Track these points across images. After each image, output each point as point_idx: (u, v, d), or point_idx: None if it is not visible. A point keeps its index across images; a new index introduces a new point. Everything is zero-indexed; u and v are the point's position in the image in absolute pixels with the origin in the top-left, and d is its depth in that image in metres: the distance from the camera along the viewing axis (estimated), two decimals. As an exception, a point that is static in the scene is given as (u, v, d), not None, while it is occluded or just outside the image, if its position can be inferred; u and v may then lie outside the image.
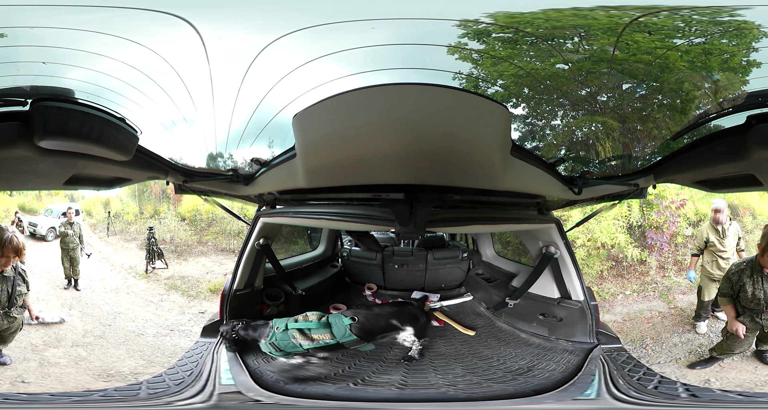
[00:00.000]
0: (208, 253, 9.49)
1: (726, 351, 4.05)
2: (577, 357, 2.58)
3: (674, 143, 2.26)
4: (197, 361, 2.60)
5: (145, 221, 10.32)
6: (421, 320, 2.91)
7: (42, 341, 5.29)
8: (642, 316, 6.01)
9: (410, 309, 2.97)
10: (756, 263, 3.55)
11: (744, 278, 3.55)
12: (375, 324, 2.73)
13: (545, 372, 2.47)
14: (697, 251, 5.14)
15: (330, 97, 1.63)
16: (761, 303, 3.53)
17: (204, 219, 10.06)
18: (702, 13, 1.67)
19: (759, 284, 3.51)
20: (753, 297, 3.54)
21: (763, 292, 3.51)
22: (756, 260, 3.56)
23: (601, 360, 2.51)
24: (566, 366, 2.49)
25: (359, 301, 4.23)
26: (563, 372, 2.43)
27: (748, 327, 3.71)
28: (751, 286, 3.53)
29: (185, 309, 7.06)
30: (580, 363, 2.49)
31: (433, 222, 2.40)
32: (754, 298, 3.53)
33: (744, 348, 3.97)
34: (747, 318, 3.67)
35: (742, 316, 3.71)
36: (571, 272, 2.91)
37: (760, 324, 3.65)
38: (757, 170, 1.93)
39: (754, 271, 3.53)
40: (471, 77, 1.90)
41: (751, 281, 3.53)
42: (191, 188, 2.86)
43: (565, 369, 2.46)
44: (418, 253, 4.65)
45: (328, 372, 2.48)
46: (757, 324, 3.66)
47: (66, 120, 1.72)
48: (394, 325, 2.76)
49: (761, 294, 3.51)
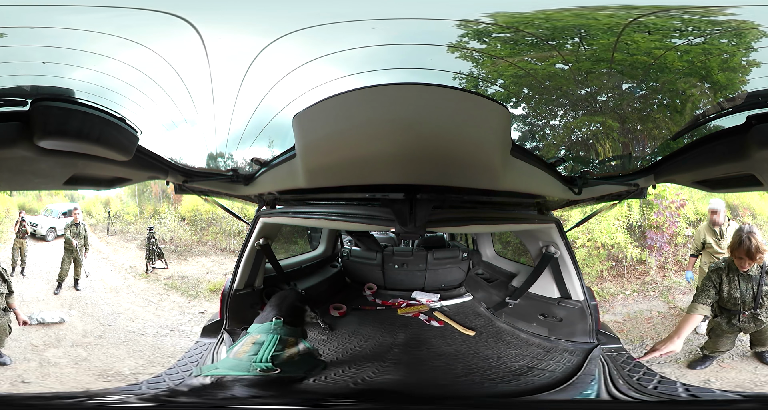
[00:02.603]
0: (208, 253, 9.49)
1: (713, 349, 4.07)
2: (577, 357, 2.58)
3: (674, 143, 2.26)
4: (197, 361, 2.60)
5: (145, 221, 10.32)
6: (288, 299, 2.80)
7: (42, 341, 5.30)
8: (642, 316, 6.01)
9: (278, 297, 2.84)
10: (732, 262, 3.53)
11: (722, 276, 3.54)
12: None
13: (545, 372, 2.47)
14: (695, 252, 5.15)
15: (330, 97, 1.63)
16: (737, 303, 3.53)
17: (204, 219, 10.06)
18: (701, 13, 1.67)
19: (735, 283, 3.51)
20: (729, 297, 3.53)
21: (739, 291, 3.50)
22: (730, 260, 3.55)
23: (601, 360, 2.51)
24: (566, 366, 2.49)
25: (359, 301, 4.23)
26: (563, 372, 2.43)
27: (725, 330, 3.72)
28: (728, 285, 3.52)
29: (185, 308, 7.06)
30: (580, 363, 2.49)
31: (433, 222, 2.40)
32: (731, 298, 3.53)
33: (728, 347, 3.97)
34: (724, 319, 3.68)
35: (719, 317, 3.71)
36: (571, 272, 2.91)
37: (737, 327, 3.64)
38: (757, 170, 1.93)
39: (730, 270, 3.51)
40: (471, 77, 1.90)
41: (728, 281, 3.52)
42: (191, 188, 2.86)
43: (565, 369, 2.46)
44: (418, 253, 4.65)
45: (328, 373, 2.48)
46: (734, 326, 3.64)
47: (66, 120, 1.72)
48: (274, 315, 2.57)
49: (737, 294, 3.51)
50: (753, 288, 3.47)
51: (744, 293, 3.49)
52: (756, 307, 3.50)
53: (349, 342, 3.04)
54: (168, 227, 9.94)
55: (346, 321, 3.59)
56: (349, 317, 3.68)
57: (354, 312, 3.82)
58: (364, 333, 3.30)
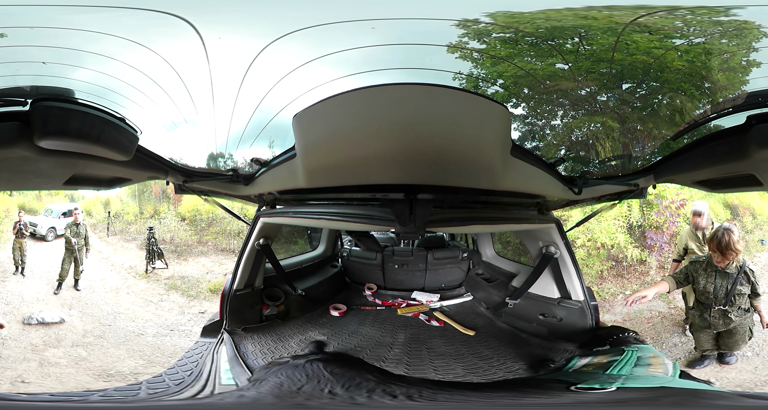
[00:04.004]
0: (208, 253, 9.50)
1: (700, 347, 4.14)
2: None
3: (674, 143, 2.26)
4: (197, 361, 2.59)
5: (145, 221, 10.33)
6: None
7: (42, 341, 5.30)
8: (642, 316, 6.01)
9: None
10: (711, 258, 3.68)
11: (699, 270, 3.70)
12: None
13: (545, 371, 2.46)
14: (678, 258, 4.98)
15: (330, 97, 1.63)
16: (710, 297, 3.67)
17: (204, 219, 10.07)
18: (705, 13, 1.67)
19: (711, 278, 3.66)
20: (704, 290, 3.69)
21: (714, 286, 3.63)
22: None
23: (601, 360, 2.51)
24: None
25: (359, 301, 4.23)
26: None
27: (697, 323, 3.87)
28: (704, 279, 3.68)
29: (185, 308, 7.06)
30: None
31: (433, 222, 2.40)
32: (705, 291, 3.68)
33: (710, 345, 4.04)
34: (697, 312, 3.82)
35: (694, 310, 3.87)
36: (571, 272, 2.91)
37: (708, 321, 3.75)
38: (757, 170, 1.93)
39: (709, 265, 3.67)
40: (471, 77, 1.89)
41: (705, 274, 3.68)
42: (191, 188, 2.86)
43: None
44: (418, 253, 4.65)
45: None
46: (705, 320, 3.76)
47: (66, 120, 1.72)
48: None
49: (711, 288, 3.64)
50: (727, 285, 3.60)
51: (717, 288, 3.63)
52: (726, 304, 3.62)
53: (349, 343, 3.04)
54: (168, 227, 9.95)
55: (346, 321, 3.59)
56: (349, 317, 3.68)
57: (354, 312, 3.82)
58: (364, 333, 3.30)
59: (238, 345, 2.69)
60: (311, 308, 3.69)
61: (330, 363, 1.79)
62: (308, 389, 1.54)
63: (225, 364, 2.50)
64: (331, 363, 1.77)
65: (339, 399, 1.45)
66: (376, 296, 4.40)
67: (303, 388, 1.55)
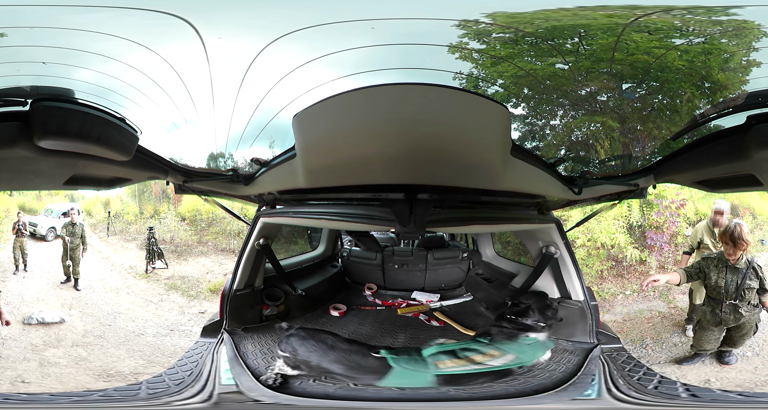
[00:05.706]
0: (208, 253, 9.49)
1: (698, 346, 4.15)
2: (577, 357, 2.58)
3: (674, 143, 2.26)
4: (197, 361, 2.59)
5: (145, 221, 10.31)
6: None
7: (42, 341, 5.30)
8: (642, 316, 6.01)
9: None
10: (723, 253, 3.77)
11: (711, 266, 3.78)
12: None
13: (545, 371, 2.47)
14: (689, 250, 5.10)
15: (330, 97, 1.63)
16: (721, 292, 3.73)
17: (204, 219, 10.06)
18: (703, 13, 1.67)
19: (722, 273, 3.73)
20: (715, 285, 3.75)
21: (725, 281, 3.71)
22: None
23: (601, 360, 2.51)
24: (566, 366, 2.49)
25: (359, 301, 4.23)
26: (563, 371, 2.43)
27: (708, 320, 3.89)
28: (716, 274, 3.75)
29: (185, 308, 7.06)
30: (580, 363, 2.48)
31: (433, 222, 2.40)
32: (716, 286, 3.75)
33: (712, 345, 4.06)
34: (709, 307, 3.86)
35: (706, 305, 3.91)
36: (571, 272, 2.91)
37: (719, 317, 3.79)
38: (757, 170, 1.93)
39: (720, 261, 3.75)
40: (471, 77, 1.89)
41: (716, 270, 3.75)
42: (191, 188, 2.86)
43: (565, 369, 2.46)
44: (418, 253, 4.65)
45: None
46: (717, 316, 3.80)
47: (66, 120, 1.72)
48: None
49: (722, 283, 3.71)
50: (737, 280, 3.68)
51: (729, 283, 3.71)
52: (737, 298, 3.69)
53: (349, 342, 3.03)
54: (168, 227, 9.94)
55: (346, 321, 3.59)
56: (349, 317, 3.68)
57: (354, 312, 3.82)
58: (364, 333, 3.30)
59: (238, 345, 2.69)
60: (311, 308, 3.69)
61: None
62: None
63: (225, 364, 2.50)
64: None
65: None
66: (376, 297, 4.40)
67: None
